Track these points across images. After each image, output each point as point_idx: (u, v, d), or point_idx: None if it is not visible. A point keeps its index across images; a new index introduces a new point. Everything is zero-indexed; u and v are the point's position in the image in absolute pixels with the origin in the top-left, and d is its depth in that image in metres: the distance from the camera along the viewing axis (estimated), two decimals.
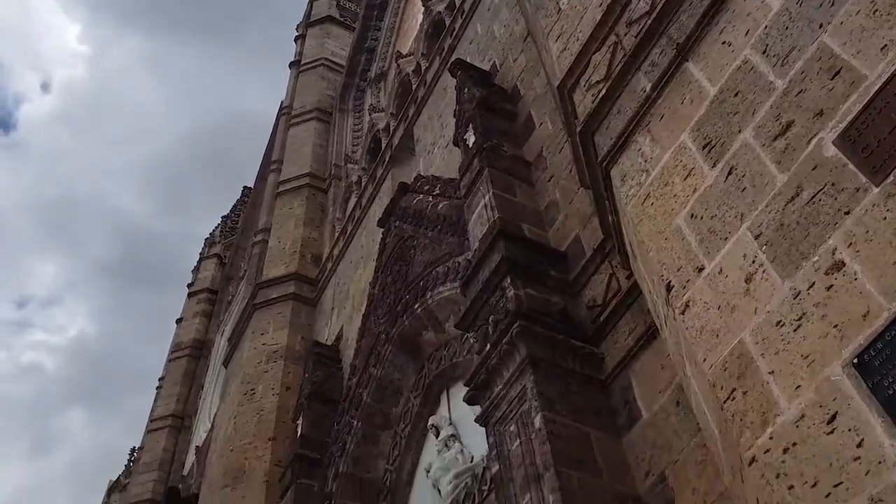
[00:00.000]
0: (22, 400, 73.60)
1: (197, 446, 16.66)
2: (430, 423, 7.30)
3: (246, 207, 23.75)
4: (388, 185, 11.11)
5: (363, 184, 12.70)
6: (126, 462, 24.18)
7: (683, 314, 2.89)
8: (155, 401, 21.31)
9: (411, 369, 7.92)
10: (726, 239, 2.80)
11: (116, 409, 74.71)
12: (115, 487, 23.56)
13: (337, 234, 12.84)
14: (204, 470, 12.25)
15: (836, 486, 2.10)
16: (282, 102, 19.73)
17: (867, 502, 2.00)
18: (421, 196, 8.21)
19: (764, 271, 2.58)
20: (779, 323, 2.45)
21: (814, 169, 2.53)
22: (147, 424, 21.03)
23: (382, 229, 8.91)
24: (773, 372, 2.41)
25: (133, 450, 23.79)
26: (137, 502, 18.09)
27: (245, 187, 26.25)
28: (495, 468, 4.57)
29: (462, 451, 6.69)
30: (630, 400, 4.38)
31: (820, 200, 2.46)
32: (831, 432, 2.17)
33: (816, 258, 2.40)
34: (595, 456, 4.17)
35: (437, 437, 7.05)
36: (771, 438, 2.34)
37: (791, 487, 2.22)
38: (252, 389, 10.63)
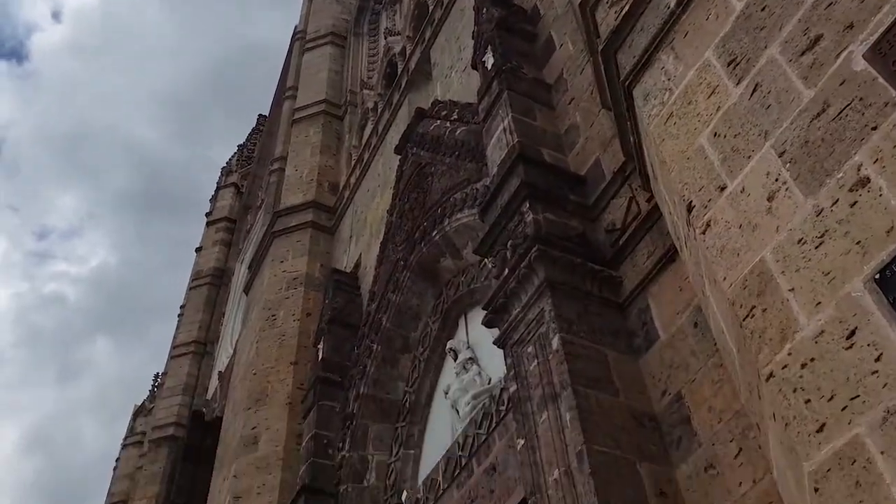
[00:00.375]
0: (47, 329, 75.16)
1: (220, 371, 17.05)
2: (448, 346, 7.42)
3: (262, 136, 23.67)
4: (404, 110, 10.99)
5: (379, 110, 12.59)
6: (150, 387, 24.81)
7: (704, 234, 2.89)
8: (177, 328, 21.72)
9: (429, 295, 8.01)
10: (749, 157, 2.77)
11: (139, 337, 76.21)
12: (141, 412, 24.21)
13: (354, 162, 12.80)
14: (227, 393, 12.57)
15: (852, 399, 2.13)
16: (295, 27, 19.42)
17: (883, 414, 2.03)
18: (438, 122, 8.14)
19: (787, 189, 2.56)
20: (800, 240, 2.45)
21: (841, 84, 2.48)
22: (170, 351, 21.48)
23: (399, 156, 8.88)
24: (793, 289, 2.42)
25: (157, 375, 24.38)
26: (163, 426, 18.64)
27: (260, 115, 26.05)
28: (513, 388, 4.65)
29: (480, 373, 6.81)
30: (647, 322, 4.42)
31: (847, 116, 2.42)
32: (850, 347, 2.19)
33: (841, 175, 2.38)
34: (612, 376, 4.23)
35: (455, 361, 7.17)
36: (789, 354, 2.36)
37: (808, 401, 2.25)
38: (273, 315, 10.81)
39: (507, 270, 4.93)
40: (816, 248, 2.38)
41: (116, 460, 22.93)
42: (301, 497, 7.39)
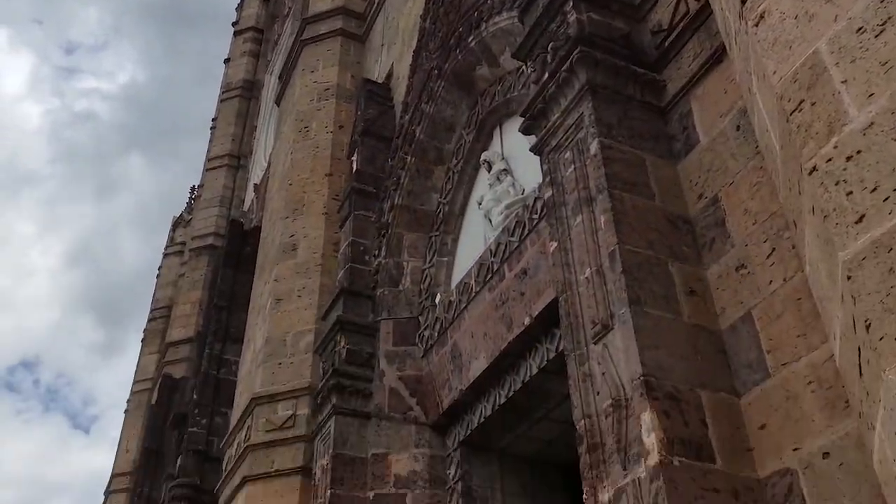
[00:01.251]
0: (81, 146, 76.25)
1: (255, 184, 17.36)
2: (482, 158, 7.44)
3: None
4: None
5: None
6: (188, 200, 25.42)
7: (757, 26, 2.78)
8: (210, 141, 21.91)
9: (464, 105, 7.92)
10: None
11: (174, 152, 77.27)
12: (180, 223, 24.98)
13: None
14: (264, 204, 12.86)
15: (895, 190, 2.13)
16: None
17: None
18: None
19: None
20: (860, 29, 2.35)
21: None
22: (205, 164, 21.81)
23: None
24: (846, 81, 2.36)
25: (193, 188, 24.90)
26: (202, 235, 19.30)
27: None
28: (548, 194, 4.69)
29: (513, 184, 6.87)
30: (688, 126, 4.36)
31: None
32: None
33: None
34: (649, 180, 4.24)
35: (489, 172, 7.22)
36: (835, 147, 2.34)
37: (849, 193, 2.26)
38: (306, 127, 10.81)
39: (546, 74, 4.82)
40: (876, 36, 2.29)
41: (159, 269, 23.97)
42: (340, 298, 7.74)
